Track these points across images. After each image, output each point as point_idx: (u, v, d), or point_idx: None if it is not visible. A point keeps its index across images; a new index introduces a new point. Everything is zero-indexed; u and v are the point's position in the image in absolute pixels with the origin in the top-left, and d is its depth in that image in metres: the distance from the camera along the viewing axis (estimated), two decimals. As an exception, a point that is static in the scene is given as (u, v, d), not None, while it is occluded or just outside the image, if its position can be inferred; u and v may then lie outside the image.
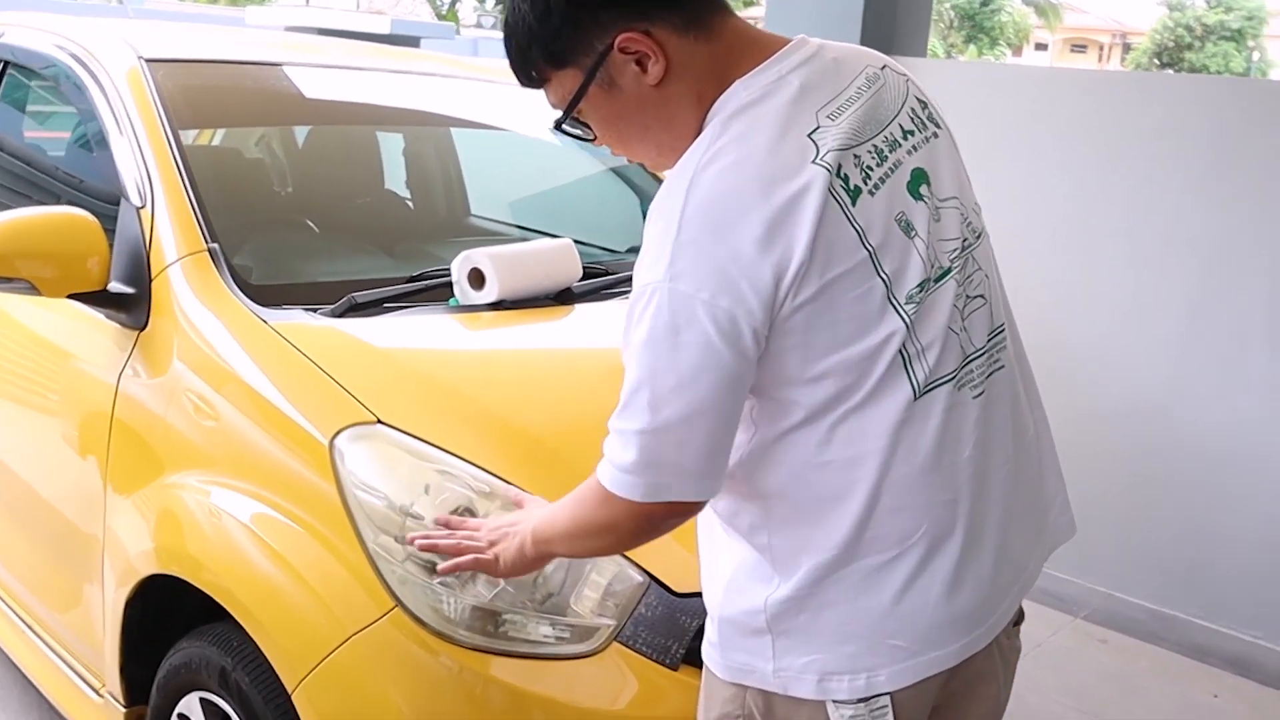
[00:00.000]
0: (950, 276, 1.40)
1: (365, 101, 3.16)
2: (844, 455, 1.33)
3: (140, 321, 2.28)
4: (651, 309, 1.27)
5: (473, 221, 3.56)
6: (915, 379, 1.34)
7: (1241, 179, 3.61)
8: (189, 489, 2.13)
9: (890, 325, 1.32)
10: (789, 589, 1.37)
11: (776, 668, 1.39)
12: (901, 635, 1.38)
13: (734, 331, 1.25)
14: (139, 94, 2.52)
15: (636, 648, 1.84)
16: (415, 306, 2.37)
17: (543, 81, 1.43)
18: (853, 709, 1.37)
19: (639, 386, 1.29)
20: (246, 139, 3.23)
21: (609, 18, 1.35)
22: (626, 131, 1.43)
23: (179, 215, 2.30)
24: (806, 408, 1.32)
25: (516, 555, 1.59)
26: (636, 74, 1.36)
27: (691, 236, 1.25)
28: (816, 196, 1.27)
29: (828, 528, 1.35)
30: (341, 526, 1.87)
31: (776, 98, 1.33)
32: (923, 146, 1.42)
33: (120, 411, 2.29)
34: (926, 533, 1.37)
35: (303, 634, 1.86)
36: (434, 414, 2.01)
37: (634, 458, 1.31)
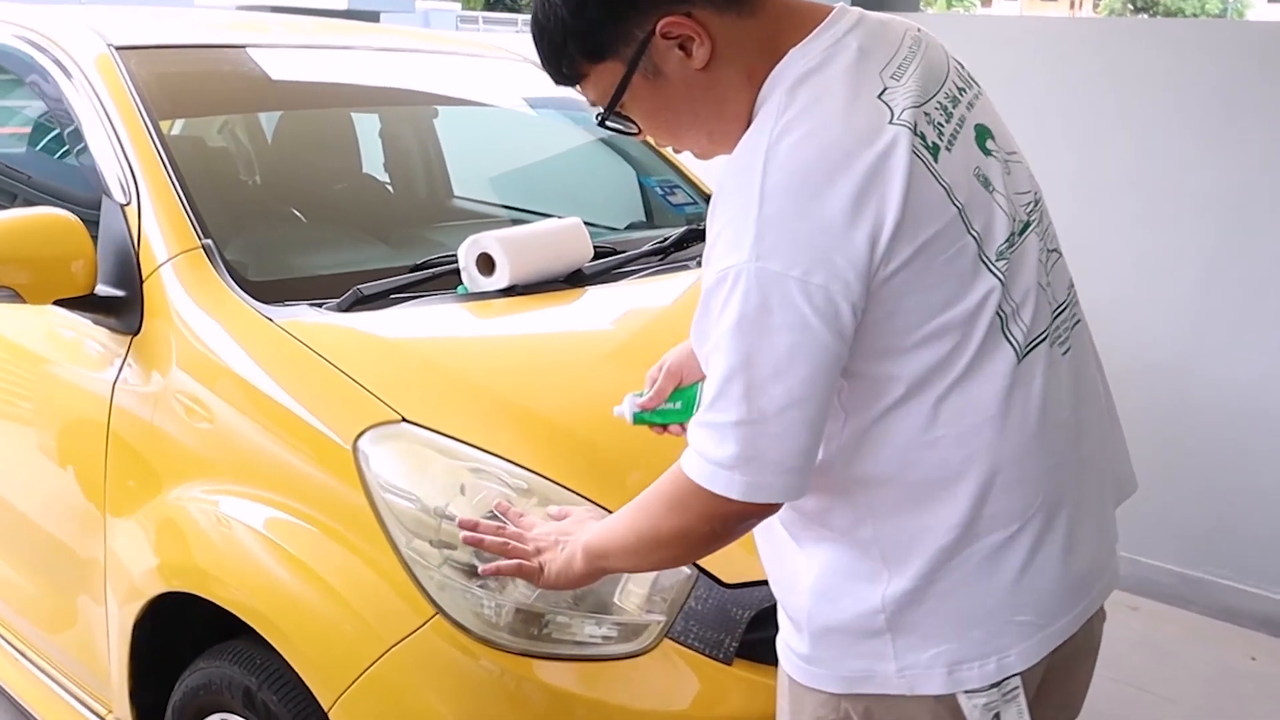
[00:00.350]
0: (1031, 230, 1.40)
1: (346, 81, 3.10)
2: (955, 430, 1.30)
3: (133, 326, 2.22)
4: (739, 292, 1.23)
5: (458, 204, 3.51)
6: (1015, 340, 1.32)
7: (1251, 125, 3.61)
8: (196, 501, 2.08)
9: (985, 284, 1.30)
10: (906, 581, 1.34)
11: (900, 667, 1.35)
12: (1027, 610, 1.36)
13: (830, 309, 1.22)
14: (113, 84, 2.45)
15: (688, 643, 1.82)
16: (423, 296, 2.32)
17: (580, 78, 1.40)
18: (986, 696, 1.35)
19: (731, 375, 1.25)
20: (209, 127, 3.15)
21: (648, 4, 1.31)
22: (675, 121, 1.40)
23: (168, 211, 2.24)
24: (907, 381, 1.29)
25: (563, 567, 1.54)
26: (681, 59, 1.33)
27: (776, 211, 1.22)
28: (903, 156, 1.25)
29: (944, 509, 1.32)
30: (371, 533, 1.83)
31: (837, 62, 1.30)
32: (976, 103, 1.42)
33: (116, 424, 2.23)
34: (1044, 501, 1.35)
35: (337, 648, 1.82)
36: (460, 409, 1.97)
37: (733, 451, 1.27)
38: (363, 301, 2.23)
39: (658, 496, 1.40)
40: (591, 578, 1.56)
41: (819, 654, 1.41)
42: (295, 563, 1.91)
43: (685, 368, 1.71)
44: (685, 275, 2.66)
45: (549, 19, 1.36)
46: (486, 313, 2.33)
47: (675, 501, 1.36)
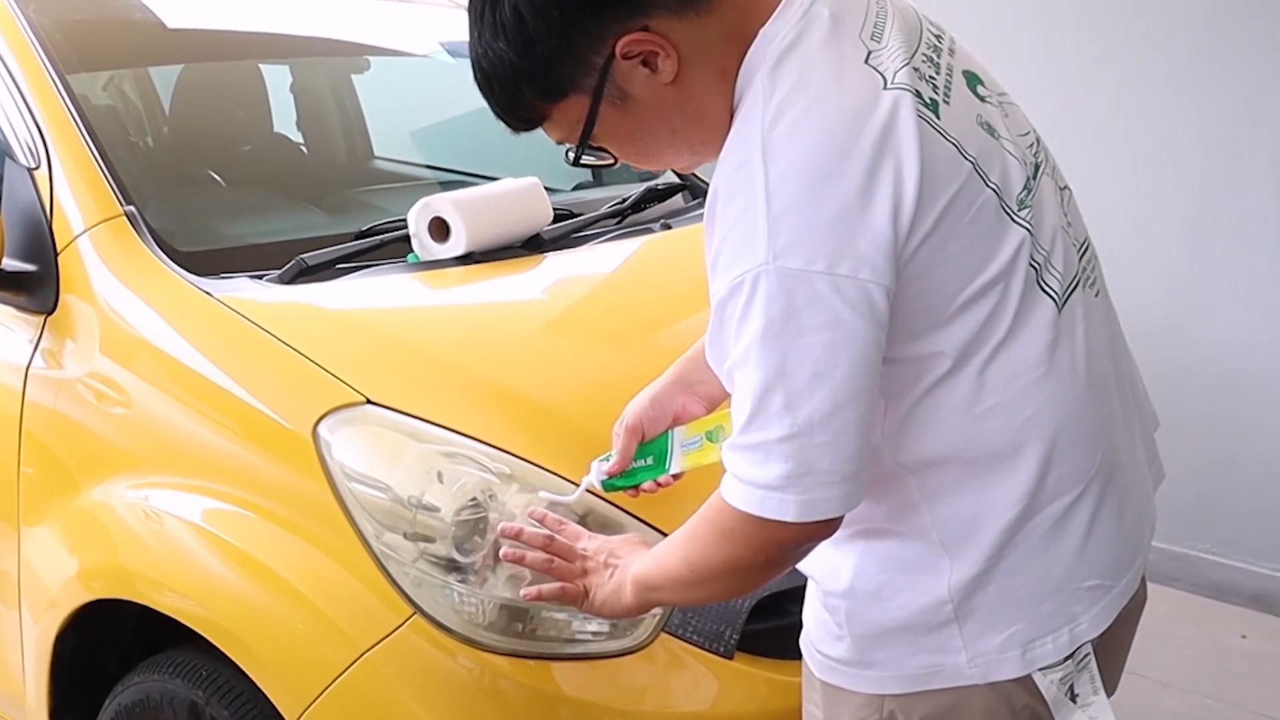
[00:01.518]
0: (1042, 171, 1.42)
1: (263, 30, 3.05)
2: (1006, 396, 1.31)
3: (47, 304, 2.18)
4: (760, 299, 1.22)
5: (382, 165, 3.49)
6: (1052, 290, 1.34)
7: (1237, 72, 3.70)
8: (121, 498, 2.05)
9: (1015, 237, 1.31)
10: (972, 565, 1.35)
11: (971, 656, 1.37)
12: (1095, 573, 1.38)
13: (863, 298, 1.22)
14: (11, 33, 2.39)
15: (686, 637, 1.84)
16: (371, 266, 2.31)
17: (541, 119, 1.37)
18: (1061, 670, 1.37)
19: (767, 389, 1.23)
20: (95, 83, 3.10)
21: (599, 27, 1.29)
22: (652, 143, 1.39)
23: (85, 175, 2.21)
24: (953, 354, 1.30)
25: (611, 596, 1.53)
26: (647, 76, 1.31)
27: (787, 205, 1.21)
28: (909, 121, 1.25)
29: (1006, 483, 1.33)
30: (336, 527, 1.82)
31: (812, 34, 1.30)
32: (955, 49, 1.43)
33: (30, 417, 2.19)
34: (1102, 458, 1.38)
35: (303, 654, 1.82)
36: (428, 388, 1.96)
37: (781, 470, 1.25)
38: (307, 272, 2.21)
39: (706, 524, 1.38)
40: (641, 610, 1.55)
41: (870, 657, 1.41)
42: (245, 559, 1.90)
43: (646, 420, 1.68)
44: (646, 239, 2.68)
45: (495, 65, 1.32)
46: (443, 282, 2.33)
47: (723, 531, 1.34)
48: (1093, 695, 1.39)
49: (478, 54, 1.34)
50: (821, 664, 1.48)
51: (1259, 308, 3.76)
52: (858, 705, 1.44)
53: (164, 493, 2.01)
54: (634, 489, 1.70)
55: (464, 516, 1.79)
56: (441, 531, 1.78)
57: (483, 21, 1.32)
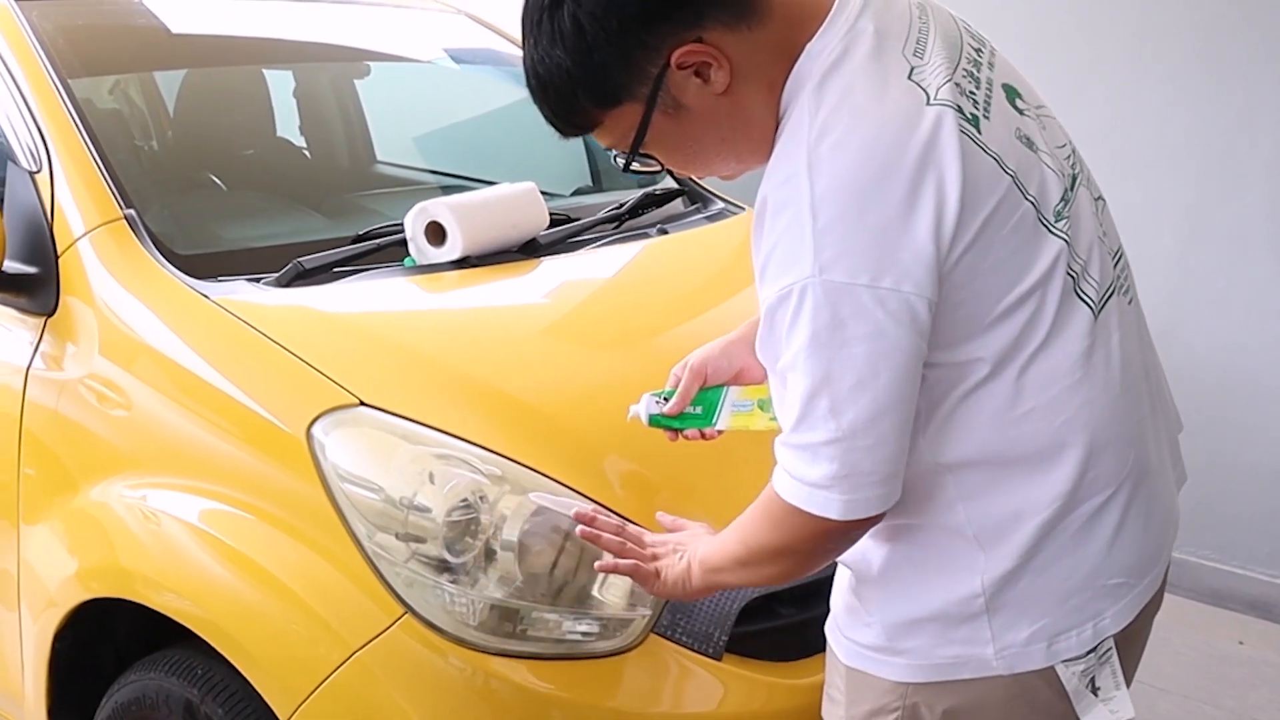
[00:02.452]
0: (1079, 183, 1.46)
1: (266, 36, 3.08)
2: (1043, 400, 1.35)
3: (47, 306, 2.20)
4: (807, 310, 1.26)
5: (384, 169, 3.51)
6: (1088, 298, 1.39)
7: (1231, 74, 3.70)
8: (120, 498, 2.07)
9: (1052, 248, 1.36)
10: (1006, 561, 1.39)
11: (999, 649, 1.41)
12: (1120, 572, 1.43)
13: (905, 310, 1.26)
14: (14, 38, 2.42)
15: (675, 638, 1.86)
16: (367, 270, 2.33)
17: (594, 126, 1.41)
18: (1083, 663, 1.42)
19: (814, 394, 1.29)
20: (101, 86, 3.12)
21: (656, 38, 1.33)
22: (702, 151, 1.43)
23: (85, 179, 2.23)
24: (991, 360, 1.34)
25: (680, 576, 1.57)
26: (700, 86, 1.35)
27: (832, 219, 1.25)
28: (951, 137, 1.29)
29: (1044, 483, 1.38)
30: (328, 527, 1.84)
31: (857, 51, 1.34)
32: (994, 62, 1.47)
33: (30, 417, 2.21)
34: (1135, 459, 1.43)
35: (296, 653, 1.84)
36: (421, 391, 1.98)
37: (827, 470, 1.31)
38: (304, 275, 2.23)
39: (761, 511, 1.44)
40: (707, 591, 1.59)
41: (899, 645, 1.45)
42: (240, 559, 1.91)
43: (711, 367, 1.73)
44: (642, 244, 2.70)
45: (551, 72, 1.35)
46: (439, 286, 2.35)
47: (775, 519, 1.40)
48: (1114, 689, 1.44)
49: (533, 60, 1.37)
50: (848, 649, 1.52)
51: (1255, 312, 3.77)
52: (881, 692, 1.48)
53: (162, 493, 2.03)
54: (676, 433, 1.74)
55: (455, 517, 1.81)
56: (433, 532, 1.80)
57: (539, 29, 1.35)
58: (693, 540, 1.61)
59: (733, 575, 1.54)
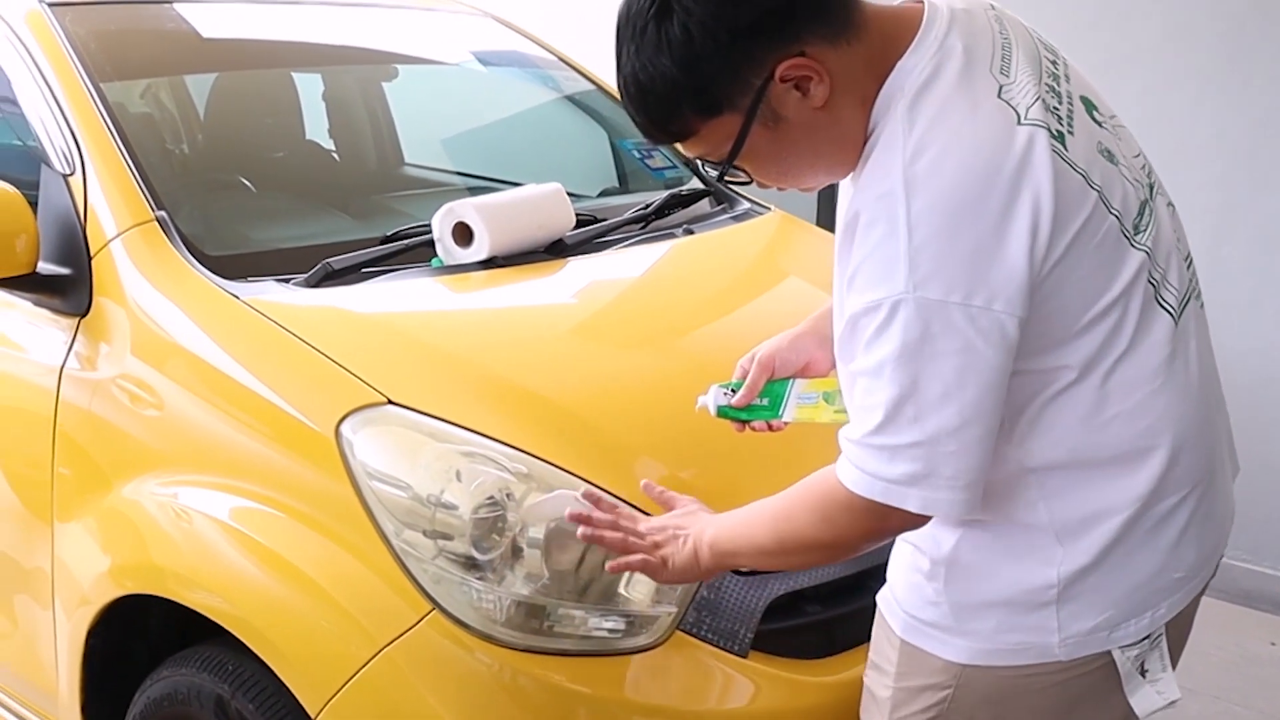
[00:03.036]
0: (1156, 191, 1.50)
1: (295, 39, 3.11)
2: (1127, 406, 1.39)
3: (80, 307, 2.23)
4: (899, 323, 1.29)
5: (412, 171, 3.53)
6: (1169, 305, 1.42)
7: (1258, 73, 3.69)
8: (151, 495, 2.09)
9: (1134, 260, 1.39)
10: (1084, 556, 1.43)
11: (1063, 638, 1.45)
12: (1183, 566, 1.48)
13: (995, 328, 1.29)
14: (47, 43, 2.45)
15: (701, 635, 1.86)
16: (395, 270, 2.34)
17: (690, 135, 1.43)
18: (1138, 648, 1.47)
19: (900, 401, 1.32)
20: (134, 89, 3.16)
21: (761, 50, 1.35)
22: (794, 163, 1.45)
23: (118, 181, 2.25)
24: (1078, 366, 1.38)
25: (688, 561, 1.59)
26: (799, 100, 1.37)
27: (928, 237, 1.28)
28: (1044, 157, 1.31)
29: (1125, 485, 1.42)
30: (357, 524, 1.86)
31: (948, 69, 1.36)
32: (1069, 74, 1.50)
33: (64, 416, 2.23)
34: (1208, 460, 1.47)
35: (324, 649, 1.85)
36: (449, 390, 1.99)
37: (906, 469, 1.34)
38: (332, 276, 2.25)
39: (809, 506, 1.46)
40: (715, 573, 1.63)
41: (966, 626, 1.49)
42: (270, 556, 1.93)
43: (780, 360, 1.77)
44: (669, 244, 2.71)
45: (655, 78, 1.38)
46: (466, 286, 2.36)
47: (830, 513, 1.43)
48: (1161, 672, 1.49)
49: (635, 68, 1.39)
50: (907, 624, 1.55)
51: (1283, 311, 3.75)
52: (934, 670, 1.51)
53: (193, 491, 2.05)
54: (743, 424, 1.78)
55: (482, 515, 1.82)
56: (460, 529, 1.81)
57: (643, 38, 1.37)
58: (691, 521, 1.62)
59: (751, 560, 1.58)
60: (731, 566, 1.62)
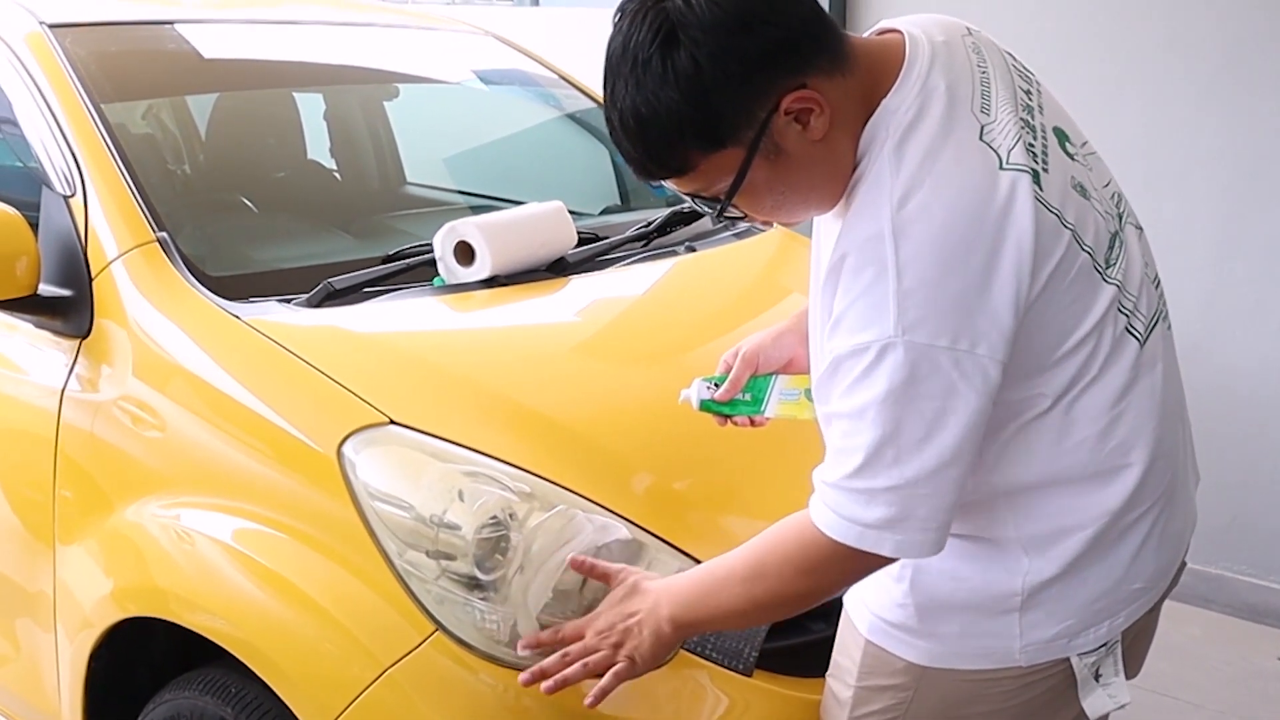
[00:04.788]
0: (1126, 221, 1.51)
1: (296, 59, 3.11)
2: (1094, 430, 1.41)
3: (82, 328, 2.22)
4: (886, 367, 1.30)
5: (414, 190, 3.53)
6: (1136, 332, 1.44)
7: (1262, 86, 3.69)
8: (154, 517, 2.09)
9: (1106, 294, 1.41)
10: (1050, 568, 1.45)
11: (1024, 645, 1.48)
12: (1142, 577, 1.50)
13: (978, 372, 1.31)
14: (48, 65, 2.45)
15: (705, 654, 1.85)
16: (397, 290, 2.34)
17: (687, 170, 1.41)
18: (1095, 655, 1.49)
19: (881, 445, 1.33)
20: (135, 110, 3.16)
21: (767, 82, 1.35)
22: (790, 196, 1.44)
23: (119, 203, 2.25)
24: (1052, 395, 1.40)
25: (654, 648, 1.60)
26: (799, 133, 1.37)
27: (916, 282, 1.29)
28: (1025, 204, 1.33)
29: (1093, 502, 1.44)
30: (360, 545, 1.85)
31: (932, 109, 1.37)
32: (1043, 103, 1.50)
33: (65, 438, 2.23)
34: (1172, 476, 1.49)
35: (328, 670, 1.84)
36: (451, 409, 1.99)
37: (883, 514, 1.35)
38: (334, 296, 2.25)
39: (783, 562, 1.46)
40: (681, 641, 1.65)
41: (929, 629, 1.50)
42: (273, 578, 1.92)
43: (762, 356, 1.78)
44: (671, 261, 2.71)
45: (656, 112, 1.35)
46: (468, 305, 2.36)
47: (810, 565, 1.44)
48: (1114, 676, 1.52)
49: (635, 102, 1.36)
50: (873, 625, 1.56)
51: (1289, 324, 3.74)
52: (895, 670, 1.53)
53: (195, 513, 2.04)
54: (725, 418, 1.80)
55: (485, 535, 1.81)
56: (463, 549, 1.80)
57: (645, 70, 1.35)
58: (637, 602, 1.61)
59: (721, 626, 1.61)
60: (698, 632, 1.62)
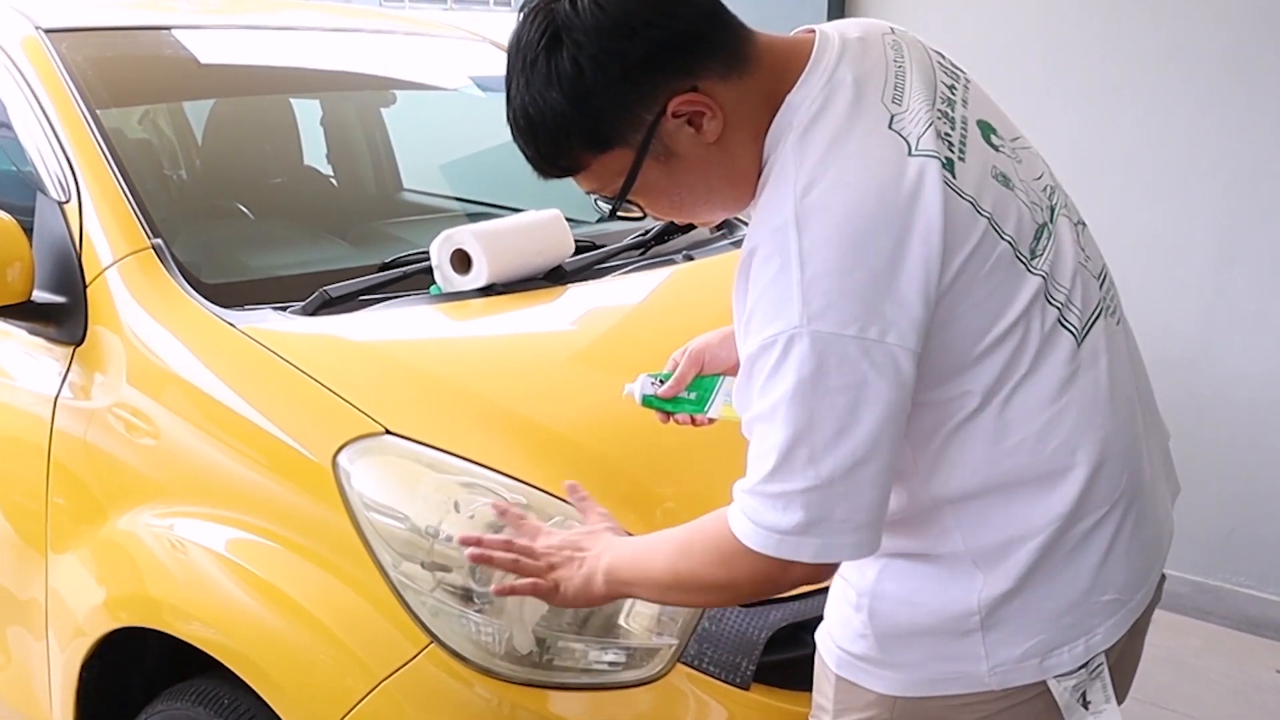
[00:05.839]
0: (1058, 213, 1.48)
1: (293, 65, 3.10)
2: (1031, 430, 1.37)
3: (75, 335, 2.21)
4: (793, 359, 1.27)
5: (410, 197, 3.52)
6: (1071, 326, 1.40)
7: (1263, 94, 3.69)
8: (147, 526, 2.07)
9: (1030, 285, 1.37)
10: (1004, 582, 1.40)
11: (992, 666, 1.42)
12: (1112, 588, 1.44)
13: (889, 362, 1.28)
14: (43, 70, 2.44)
15: (702, 668, 1.84)
16: (393, 298, 2.33)
17: (579, 169, 1.41)
18: (1075, 678, 1.43)
19: (794, 443, 1.29)
20: (130, 115, 3.15)
21: (652, 86, 1.34)
22: (687, 197, 1.44)
23: (113, 209, 2.24)
24: (980, 392, 1.36)
25: (582, 587, 1.55)
26: (692, 135, 1.36)
27: (819, 271, 1.27)
28: (934, 188, 1.30)
29: (1040, 508, 1.39)
30: (354, 556, 1.84)
31: (838, 101, 1.35)
32: (968, 96, 1.48)
33: (58, 446, 2.22)
34: (1128, 480, 1.44)
35: (321, 683, 1.83)
36: (447, 419, 1.98)
37: (800, 518, 1.31)
38: (330, 304, 2.24)
39: (706, 545, 1.42)
40: (610, 599, 1.59)
41: (892, 658, 1.46)
42: (266, 588, 1.91)
43: (709, 355, 1.77)
44: (668, 270, 2.70)
45: (544, 113, 1.35)
46: (465, 314, 2.35)
47: (724, 558, 1.39)
48: (1104, 703, 1.46)
49: (524, 101, 1.36)
50: (840, 659, 1.51)
51: (1288, 335, 3.74)
52: (868, 703, 1.48)
53: (189, 522, 2.03)
54: (667, 415, 1.79)
55: (480, 546, 1.80)
56: (458, 561, 1.79)
57: (533, 70, 1.35)
58: (593, 543, 1.58)
59: (647, 593, 1.55)
60: (627, 595, 1.58)
